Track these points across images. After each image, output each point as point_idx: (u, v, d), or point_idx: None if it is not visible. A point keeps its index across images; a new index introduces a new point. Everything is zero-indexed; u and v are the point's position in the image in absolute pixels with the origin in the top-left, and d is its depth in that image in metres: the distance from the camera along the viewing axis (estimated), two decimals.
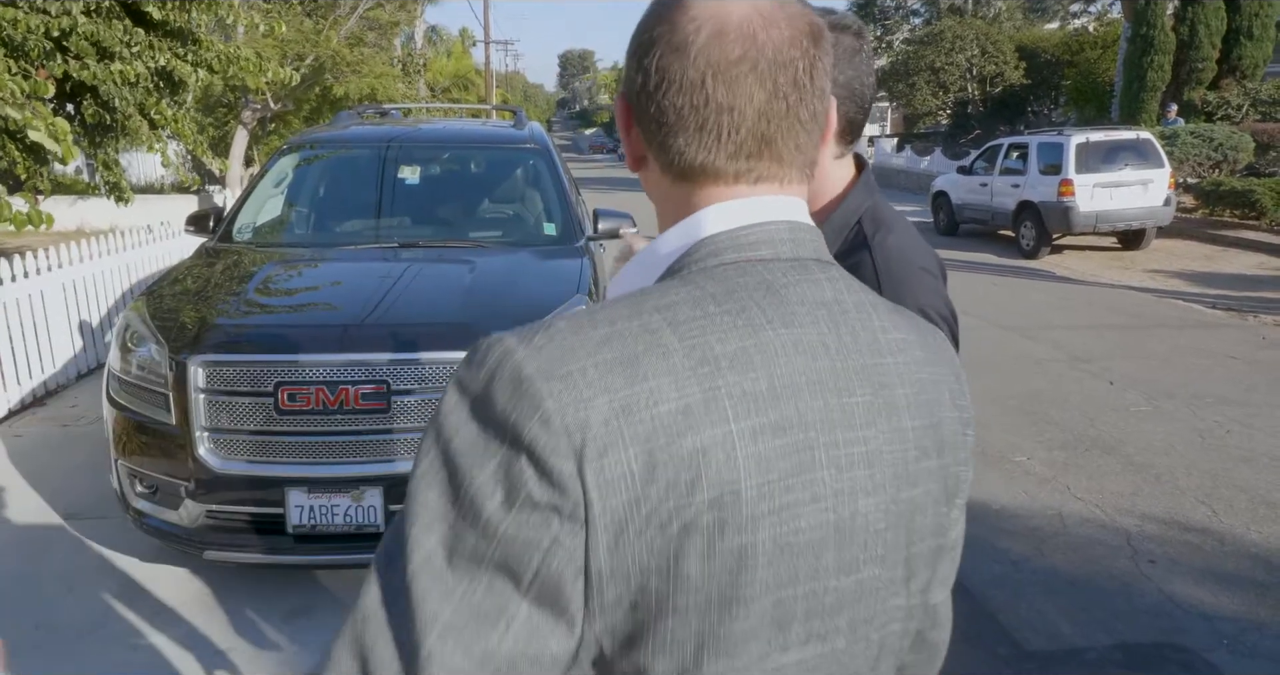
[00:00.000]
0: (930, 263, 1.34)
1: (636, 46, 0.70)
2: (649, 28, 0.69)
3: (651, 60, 0.68)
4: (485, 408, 0.59)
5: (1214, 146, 13.76)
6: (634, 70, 0.70)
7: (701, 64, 0.66)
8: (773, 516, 0.60)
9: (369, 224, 4.00)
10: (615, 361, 0.59)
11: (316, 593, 3.24)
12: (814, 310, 0.66)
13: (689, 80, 0.66)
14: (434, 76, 32.19)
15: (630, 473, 0.57)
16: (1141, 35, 15.76)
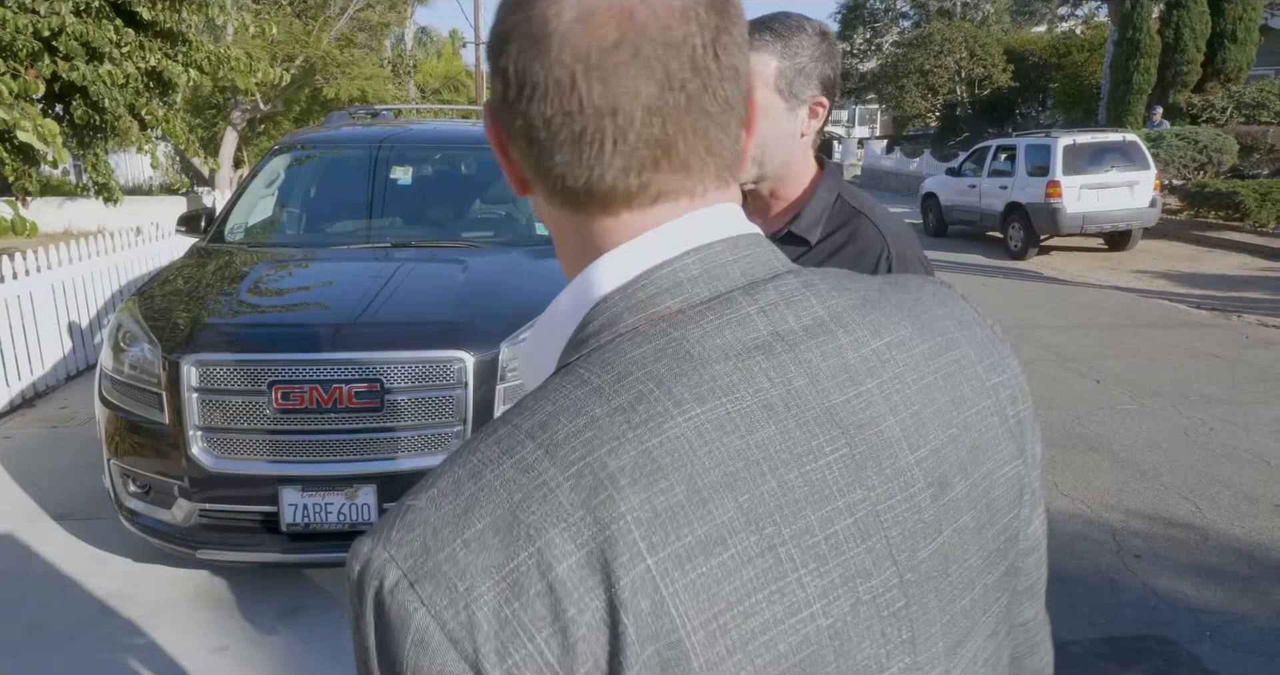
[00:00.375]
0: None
1: (491, 44, 0.55)
2: (502, 19, 0.54)
3: (509, 60, 0.53)
4: (364, 650, 0.48)
5: (1199, 149, 13.89)
6: (494, 75, 0.55)
7: (567, 58, 0.50)
8: (737, 656, 0.46)
9: (361, 224, 4.01)
10: (489, 528, 0.46)
11: (310, 592, 3.25)
12: (743, 362, 0.51)
13: (555, 81, 0.51)
14: (424, 78, 32.16)
15: (547, 664, 0.44)
16: (1128, 38, 15.88)
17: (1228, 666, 2.77)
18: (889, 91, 26.25)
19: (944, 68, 24.61)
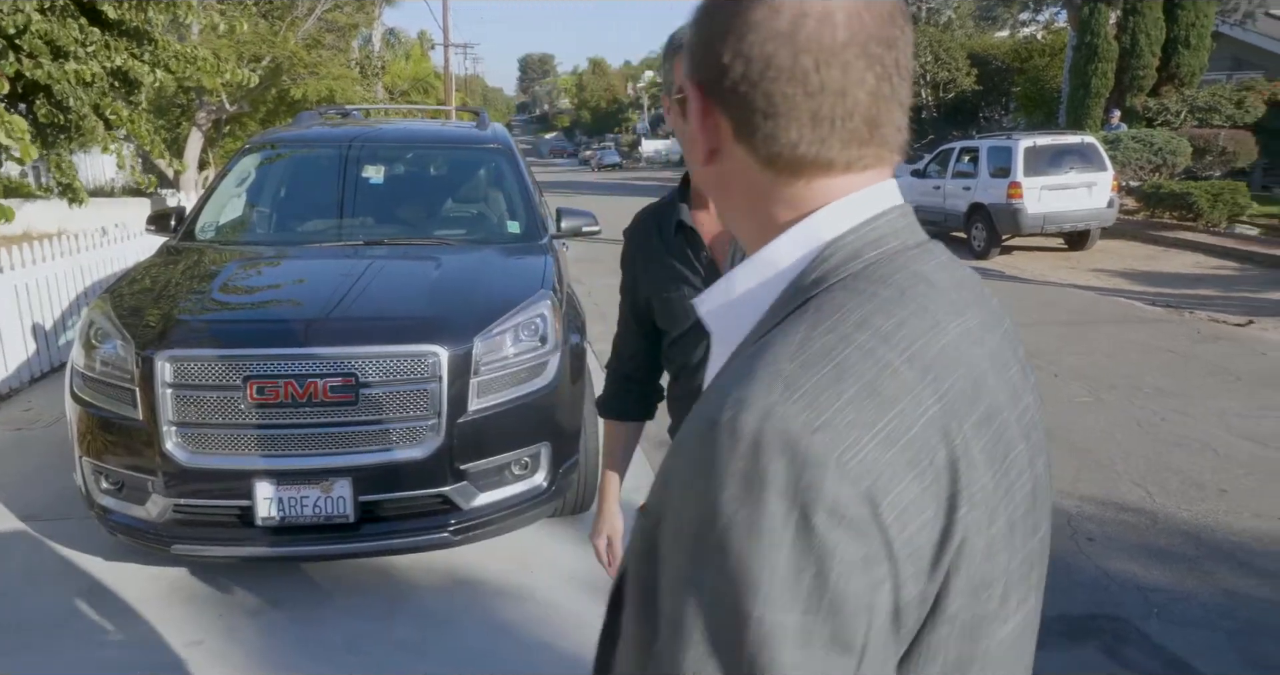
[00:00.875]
0: None
1: (723, 31, 0.66)
2: (741, 12, 0.65)
3: (751, 46, 0.64)
4: (757, 485, 0.54)
5: (1154, 151, 14.23)
6: (723, 57, 0.65)
7: (814, 49, 0.62)
8: (1005, 499, 0.62)
9: (334, 222, 4.04)
10: (859, 395, 0.57)
11: (286, 585, 3.28)
12: (960, 292, 0.67)
13: (800, 67, 0.63)
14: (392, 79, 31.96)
15: (912, 500, 0.56)
16: (1086, 44, 16.23)
17: (1174, 641, 2.90)
18: None
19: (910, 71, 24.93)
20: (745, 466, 0.55)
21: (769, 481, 0.54)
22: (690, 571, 0.57)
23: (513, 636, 2.99)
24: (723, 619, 0.55)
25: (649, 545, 0.64)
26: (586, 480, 3.68)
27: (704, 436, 0.57)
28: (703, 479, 0.56)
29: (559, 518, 3.74)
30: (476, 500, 3.06)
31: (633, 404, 1.81)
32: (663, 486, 0.63)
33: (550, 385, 3.17)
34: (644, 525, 0.66)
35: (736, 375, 0.60)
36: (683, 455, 0.60)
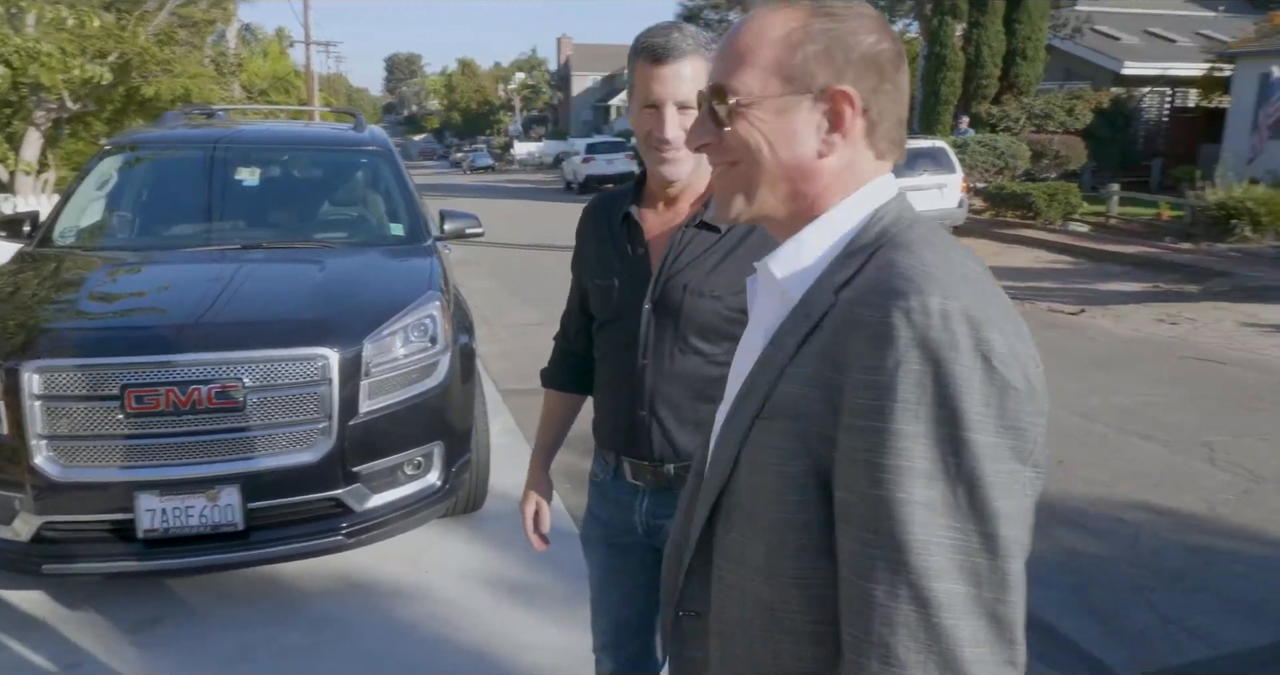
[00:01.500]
0: None
1: (886, 55, 0.89)
2: (886, 38, 0.89)
3: (896, 74, 0.89)
4: (950, 344, 0.74)
5: (997, 154, 15.30)
6: (879, 80, 0.88)
7: (903, 69, 0.90)
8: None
9: (208, 226, 3.93)
10: (1000, 310, 0.79)
11: (167, 601, 3.19)
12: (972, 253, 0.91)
13: (904, 85, 0.90)
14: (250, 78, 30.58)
15: (1037, 370, 0.79)
16: (936, 54, 17.27)
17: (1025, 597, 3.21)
18: None
19: None
20: (938, 334, 0.74)
21: (959, 340, 0.74)
22: (902, 423, 0.74)
23: (411, 636, 3.01)
24: (943, 448, 0.73)
25: (798, 439, 0.82)
26: (478, 478, 3.73)
27: (893, 319, 0.75)
28: (899, 349, 0.74)
29: (451, 517, 3.77)
30: (370, 502, 3.07)
31: (574, 377, 1.89)
32: (829, 371, 0.80)
33: (441, 385, 3.21)
34: (782, 427, 0.83)
35: (891, 283, 0.78)
36: (864, 339, 0.77)
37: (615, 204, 1.70)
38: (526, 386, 6.00)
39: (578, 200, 23.85)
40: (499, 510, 3.97)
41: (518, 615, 3.14)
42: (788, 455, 0.82)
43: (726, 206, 0.95)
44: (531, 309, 8.77)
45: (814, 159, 0.89)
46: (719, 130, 0.92)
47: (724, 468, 0.89)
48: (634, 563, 1.83)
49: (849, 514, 0.78)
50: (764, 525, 0.86)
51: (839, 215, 0.90)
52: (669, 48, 1.47)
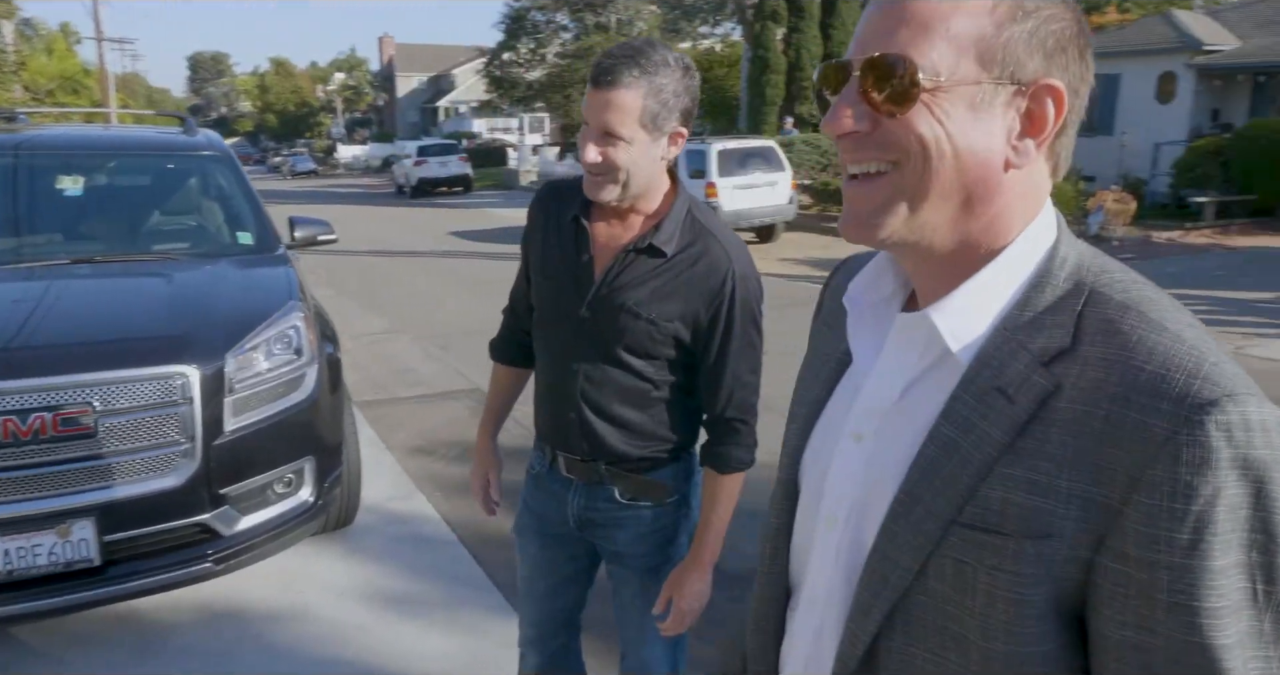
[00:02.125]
0: None
1: (1088, 48, 0.70)
2: (1087, 31, 0.70)
3: (1091, 72, 0.71)
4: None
5: (821, 153, 16.20)
6: (1082, 79, 0.70)
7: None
8: None
9: (29, 239, 3.59)
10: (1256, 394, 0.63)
11: (16, 651, 2.91)
12: None
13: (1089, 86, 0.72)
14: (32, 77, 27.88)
15: None
16: (760, 57, 18.06)
17: None
18: (557, 100, 27.37)
19: None
20: (1262, 453, 0.60)
21: (1269, 473, 0.60)
22: (1220, 559, 0.60)
23: (293, 658, 2.90)
24: (1255, 575, 0.61)
25: (1039, 562, 0.65)
26: (350, 493, 3.63)
27: (1211, 438, 0.60)
28: (1219, 474, 0.59)
29: (323, 534, 3.64)
30: (239, 525, 2.92)
31: (519, 351, 1.89)
32: (1088, 486, 0.63)
33: (310, 398, 3.10)
34: (1014, 547, 0.65)
35: (1181, 382, 0.62)
36: (1156, 456, 0.61)
37: (565, 201, 1.68)
38: (383, 397, 5.86)
39: (412, 204, 23.28)
40: (371, 524, 3.88)
41: (403, 626, 3.09)
42: (1026, 581, 0.65)
43: (873, 225, 0.72)
44: (378, 317, 8.52)
45: (1000, 171, 0.70)
46: (877, 115, 0.69)
47: (900, 577, 0.71)
48: (564, 554, 1.87)
49: (1145, 660, 0.63)
50: (982, 654, 0.68)
51: (1017, 255, 0.71)
52: (609, 72, 1.47)
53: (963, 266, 0.73)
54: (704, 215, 1.65)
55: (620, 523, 1.76)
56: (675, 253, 1.59)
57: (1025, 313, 0.70)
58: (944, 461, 0.70)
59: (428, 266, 11.93)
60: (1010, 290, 0.71)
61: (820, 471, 0.83)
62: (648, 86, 1.47)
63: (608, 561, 1.85)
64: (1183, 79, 16.13)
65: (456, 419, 5.41)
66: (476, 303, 9.21)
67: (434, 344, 7.40)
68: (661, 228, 1.59)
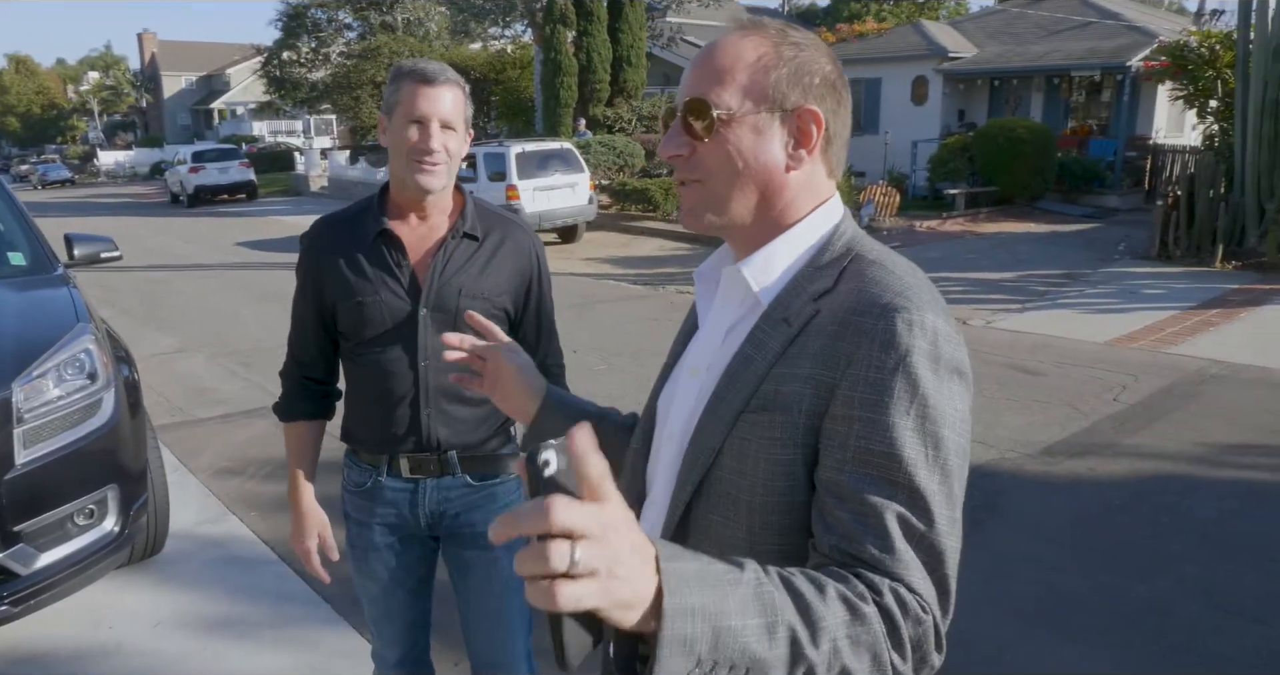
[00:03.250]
0: None
1: (840, 82, 0.98)
2: (838, 66, 0.98)
3: (845, 98, 0.99)
4: (934, 356, 0.86)
5: (616, 154, 16.65)
6: (837, 104, 0.97)
7: (849, 93, 1.02)
8: None
9: None
10: (942, 311, 0.91)
11: None
12: None
13: (849, 108, 1.01)
14: None
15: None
16: (551, 60, 18.26)
17: None
18: (345, 102, 26.34)
19: None
20: (929, 346, 0.86)
21: (941, 354, 0.87)
22: (893, 415, 0.84)
23: None
24: (927, 439, 0.84)
25: (790, 430, 0.89)
26: (158, 519, 3.49)
27: (898, 330, 0.86)
28: (901, 354, 0.85)
29: (130, 565, 3.48)
30: (38, 562, 2.77)
31: (317, 403, 1.90)
32: (824, 372, 0.88)
33: (109, 423, 2.97)
34: (774, 420, 0.89)
35: (888, 298, 0.88)
36: (867, 343, 0.86)
37: (355, 225, 1.77)
38: (181, 419, 5.56)
39: (190, 214, 21.67)
40: (182, 550, 3.73)
41: (228, 650, 3.03)
42: (779, 445, 0.90)
43: (699, 216, 1.00)
44: (167, 335, 8.00)
45: (782, 172, 0.97)
46: (693, 143, 0.97)
47: (707, 456, 0.95)
48: (414, 557, 1.91)
49: (839, 494, 0.85)
50: (749, 508, 0.92)
51: (805, 229, 0.99)
52: (438, 72, 1.67)
53: (765, 239, 1.00)
54: (486, 204, 1.85)
55: (474, 505, 1.85)
56: (483, 236, 1.78)
57: (809, 268, 0.97)
58: (742, 371, 0.95)
59: (217, 280, 11.26)
60: (798, 253, 0.98)
61: (667, 403, 1.07)
62: (462, 87, 1.72)
63: (460, 549, 1.88)
64: (933, 83, 17.94)
65: (265, 435, 5.24)
66: (276, 315, 8.82)
67: (234, 361, 7.06)
68: (465, 216, 1.78)
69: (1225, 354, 6.50)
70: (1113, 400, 5.53)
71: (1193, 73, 12.44)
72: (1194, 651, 2.92)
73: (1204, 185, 10.21)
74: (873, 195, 13.92)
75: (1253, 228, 10.00)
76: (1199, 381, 5.90)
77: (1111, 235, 12.37)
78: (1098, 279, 9.61)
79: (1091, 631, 3.05)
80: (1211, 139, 12.35)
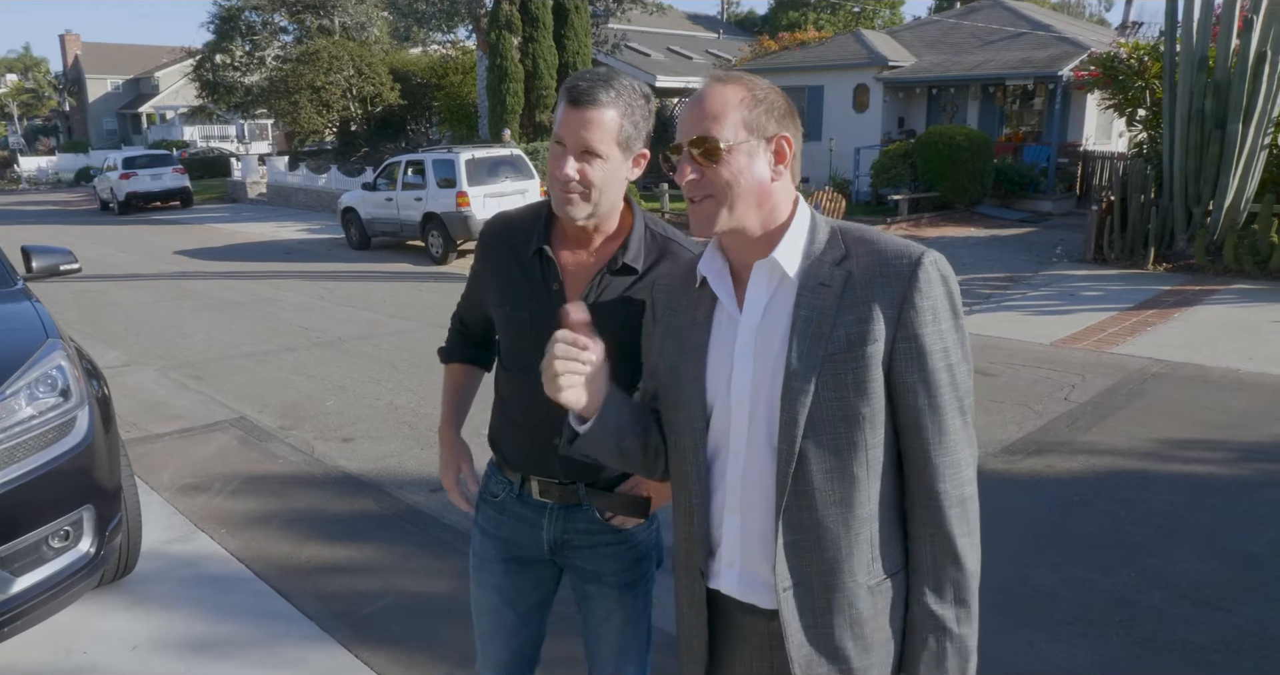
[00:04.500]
0: None
1: (793, 111, 1.30)
2: (790, 102, 1.31)
3: (797, 125, 1.31)
4: (957, 295, 1.27)
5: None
6: (795, 129, 1.29)
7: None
8: None
9: None
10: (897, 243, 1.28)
11: None
12: None
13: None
14: None
15: None
16: (497, 65, 18.17)
17: None
18: (283, 106, 25.79)
19: (335, 84, 25.06)
20: (945, 270, 1.26)
21: (955, 293, 1.27)
22: (955, 356, 1.25)
23: None
24: (966, 371, 1.27)
25: (874, 357, 1.22)
26: (131, 539, 3.39)
27: (925, 263, 1.23)
28: (935, 279, 1.24)
29: (100, 588, 3.38)
30: (13, 588, 2.67)
31: (474, 350, 1.91)
32: (886, 307, 1.22)
33: (84, 442, 2.88)
34: (860, 352, 1.22)
35: (904, 248, 1.25)
36: (909, 279, 1.22)
37: (520, 234, 1.70)
38: (137, 435, 5.40)
39: (123, 221, 20.98)
40: (153, 570, 3.64)
41: (211, 672, 2.96)
42: (868, 369, 1.23)
43: (710, 222, 1.28)
44: (111, 349, 7.75)
45: (769, 184, 1.28)
46: (700, 169, 1.26)
47: (806, 396, 1.24)
48: (531, 581, 1.84)
49: (913, 387, 1.24)
50: (858, 418, 1.24)
51: (799, 221, 1.31)
52: (588, 93, 1.52)
53: (765, 235, 1.30)
54: (661, 228, 1.71)
55: (598, 543, 1.76)
56: (645, 269, 1.64)
57: (813, 247, 1.29)
58: (807, 328, 1.25)
59: (159, 290, 10.93)
60: (802, 238, 1.30)
61: (724, 378, 1.31)
62: (624, 107, 1.55)
63: (582, 581, 1.82)
64: (873, 90, 18.33)
65: (226, 451, 5.12)
66: (224, 326, 8.63)
67: (185, 374, 6.88)
68: (628, 247, 1.64)
69: (1164, 353, 6.78)
70: (1064, 399, 5.74)
71: (1123, 83, 12.92)
72: (1164, 641, 3.05)
73: (1135, 191, 10.64)
74: (818, 200, 14.15)
75: (1181, 231, 10.45)
76: (1142, 380, 6.15)
77: (1048, 239, 12.80)
78: (1039, 282, 9.94)
79: (1065, 624, 3.17)
80: (1140, 146, 12.85)
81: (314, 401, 6.07)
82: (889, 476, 1.28)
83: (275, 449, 5.16)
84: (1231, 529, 3.87)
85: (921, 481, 1.27)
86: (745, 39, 29.18)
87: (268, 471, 4.80)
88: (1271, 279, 9.50)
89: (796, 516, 1.27)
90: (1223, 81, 9.84)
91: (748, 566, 1.33)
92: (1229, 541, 3.76)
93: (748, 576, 1.34)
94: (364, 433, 5.41)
